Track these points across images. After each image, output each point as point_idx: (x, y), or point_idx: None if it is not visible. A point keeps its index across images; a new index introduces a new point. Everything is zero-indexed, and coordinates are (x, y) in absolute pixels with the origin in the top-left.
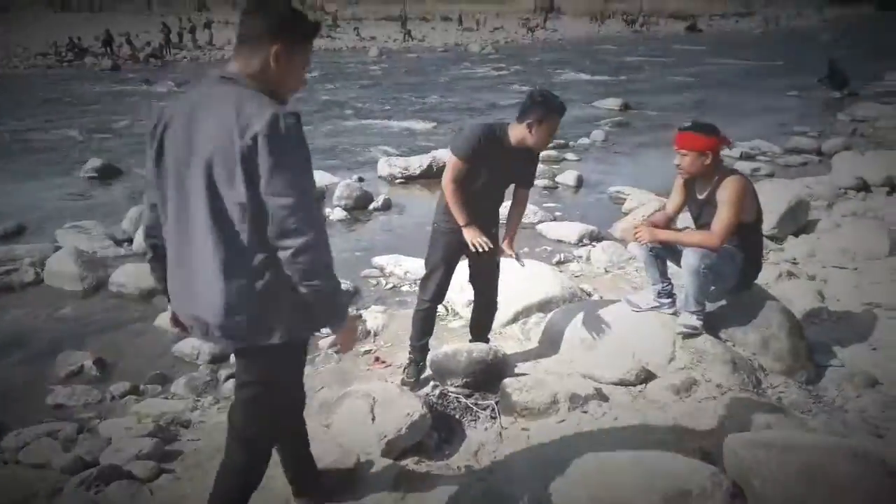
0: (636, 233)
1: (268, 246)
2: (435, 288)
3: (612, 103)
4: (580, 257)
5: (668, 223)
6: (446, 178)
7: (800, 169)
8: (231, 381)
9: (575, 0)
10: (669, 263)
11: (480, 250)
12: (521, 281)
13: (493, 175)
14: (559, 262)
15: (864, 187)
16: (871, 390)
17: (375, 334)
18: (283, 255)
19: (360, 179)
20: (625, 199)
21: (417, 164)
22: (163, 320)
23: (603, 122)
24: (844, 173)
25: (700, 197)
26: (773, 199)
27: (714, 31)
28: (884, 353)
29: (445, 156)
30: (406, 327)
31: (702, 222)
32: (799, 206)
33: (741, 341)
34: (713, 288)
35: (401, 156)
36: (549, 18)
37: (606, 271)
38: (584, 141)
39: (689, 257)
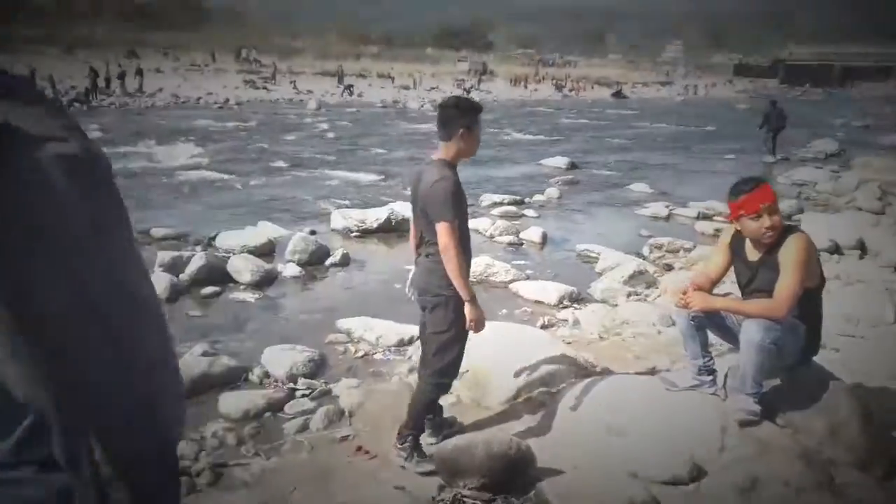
0: (686, 298)
1: None
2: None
3: (560, 162)
4: (566, 321)
5: (712, 288)
6: (452, 249)
7: None
8: None
9: (507, 64)
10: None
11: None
12: (515, 347)
13: (465, 214)
14: (544, 327)
15: (836, 250)
16: None
17: (351, 415)
18: None
19: (313, 232)
20: (596, 258)
21: (374, 217)
22: None
23: (553, 179)
24: (816, 236)
25: (752, 259)
26: None
27: (638, 98)
28: None
29: (404, 209)
30: (385, 404)
31: (753, 288)
32: None
33: (804, 428)
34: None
35: (355, 208)
36: (483, 80)
37: (601, 338)
38: (540, 198)
39: (752, 330)
